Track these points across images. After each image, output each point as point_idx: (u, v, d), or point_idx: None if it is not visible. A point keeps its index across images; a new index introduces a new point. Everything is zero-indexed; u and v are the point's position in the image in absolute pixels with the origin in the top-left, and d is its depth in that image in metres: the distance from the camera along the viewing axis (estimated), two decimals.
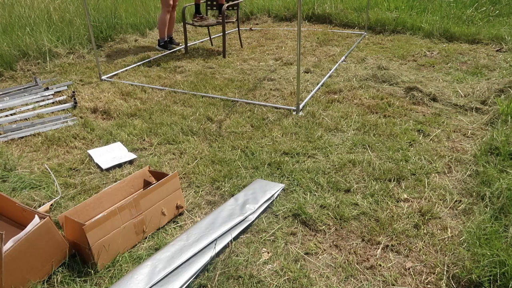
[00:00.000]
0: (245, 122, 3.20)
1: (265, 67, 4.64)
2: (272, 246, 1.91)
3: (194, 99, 3.66)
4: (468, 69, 4.28)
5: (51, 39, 5.03)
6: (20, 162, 2.67)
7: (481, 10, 6.33)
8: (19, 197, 2.28)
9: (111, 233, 1.80)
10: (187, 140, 2.93)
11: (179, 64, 4.82)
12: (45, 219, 1.69)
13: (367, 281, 1.71)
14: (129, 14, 6.46)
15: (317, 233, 2.00)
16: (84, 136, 3.04)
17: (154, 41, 6.15)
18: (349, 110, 3.33)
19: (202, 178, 2.47)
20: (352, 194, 2.27)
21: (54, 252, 1.74)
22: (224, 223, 2.00)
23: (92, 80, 4.30)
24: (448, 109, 3.34)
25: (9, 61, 4.57)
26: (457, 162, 2.56)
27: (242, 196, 2.22)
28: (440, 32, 5.63)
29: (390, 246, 1.89)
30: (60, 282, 1.72)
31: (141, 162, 2.67)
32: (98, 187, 2.40)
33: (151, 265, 1.75)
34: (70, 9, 6.32)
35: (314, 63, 4.69)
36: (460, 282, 1.67)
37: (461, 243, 1.87)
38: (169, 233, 2.02)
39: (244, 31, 6.74)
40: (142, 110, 3.47)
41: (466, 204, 2.15)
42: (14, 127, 3.16)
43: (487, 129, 2.96)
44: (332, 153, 2.70)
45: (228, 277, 1.72)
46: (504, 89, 3.47)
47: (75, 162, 2.68)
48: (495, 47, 5.10)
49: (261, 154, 2.69)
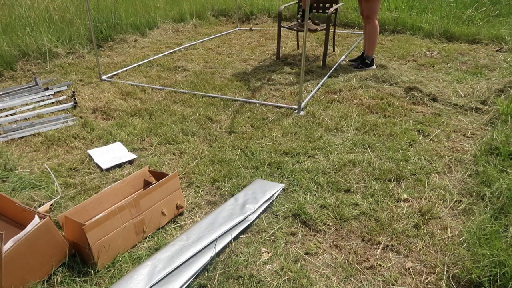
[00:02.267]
0: (245, 122, 3.20)
1: (265, 67, 4.64)
2: (272, 246, 1.91)
3: (194, 99, 3.66)
4: (468, 69, 4.28)
5: (51, 39, 5.03)
6: (20, 162, 2.67)
7: (481, 10, 6.33)
8: (19, 197, 2.28)
9: (111, 233, 1.80)
10: (187, 140, 2.93)
11: (179, 64, 4.82)
12: (45, 219, 1.68)
13: (367, 281, 1.71)
14: (129, 14, 6.46)
15: (317, 233, 2.00)
16: (84, 136, 3.04)
17: (154, 41, 6.14)
18: (349, 110, 3.33)
19: (202, 178, 2.47)
20: (352, 194, 2.27)
21: (54, 252, 1.74)
22: (224, 223, 2.00)
23: (92, 80, 4.30)
24: (448, 109, 3.34)
25: (9, 61, 4.57)
26: (457, 162, 2.56)
27: (242, 196, 2.22)
28: (440, 32, 5.63)
29: (390, 246, 1.89)
30: (60, 282, 1.72)
31: (141, 162, 2.67)
32: (98, 187, 2.40)
33: (151, 265, 1.74)
34: (70, 9, 6.33)
35: (314, 63, 4.68)
36: (460, 282, 1.67)
37: (461, 243, 1.87)
38: (169, 233, 2.02)
39: (244, 31, 6.74)
40: (142, 110, 3.47)
41: (466, 204, 2.15)
42: (14, 127, 3.16)
43: (487, 129, 2.96)
44: (332, 153, 2.70)
45: (228, 277, 1.72)
46: (504, 89, 3.47)
47: (75, 162, 2.68)
48: (495, 47, 5.10)
49: (261, 154, 2.69)
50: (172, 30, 6.69)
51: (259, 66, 4.67)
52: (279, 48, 4.93)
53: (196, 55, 5.24)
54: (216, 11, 7.76)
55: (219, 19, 7.64)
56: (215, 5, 7.82)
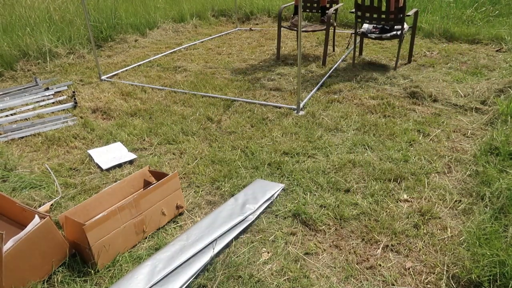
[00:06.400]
0: (245, 122, 3.20)
1: (265, 67, 4.64)
2: (272, 246, 1.91)
3: (194, 99, 3.66)
4: (468, 69, 4.28)
5: (51, 39, 5.04)
6: (20, 162, 2.67)
7: (481, 10, 6.33)
8: (19, 197, 2.28)
9: (111, 233, 1.80)
10: (187, 140, 2.94)
11: (179, 64, 4.82)
12: (45, 219, 1.69)
13: (367, 281, 1.71)
14: (129, 14, 6.46)
15: (317, 233, 2.00)
16: (84, 136, 3.04)
17: (154, 41, 6.14)
18: (349, 110, 3.34)
19: (202, 178, 2.47)
20: (352, 194, 2.27)
21: (54, 252, 1.74)
22: (224, 223, 2.00)
23: (92, 80, 4.31)
24: (448, 109, 3.34)
25: (9, 61, 4.58)
26: (457, 162, 2.56)
27: (242, 196, 2.22)
28: (440, 32, 5.63)
29: (390, 246, 1.89)
30: (60, 282, 1.72)
31: (141, 162, 2.67)
32: (98, 187, 2.40)
33: (151, 265, 1.75)
34: (71, 9, 6.33)
35: (314, 63, 4.68)
36: (460, 282, 1.67)
37: (461, 243, 1.88)
38: (169, 233, 2.03)
39: (244, 31, 6.74)
40: (142, 110, 3.48)
41: (466, 204, 2.15)
42: (14, 127, 3.16)
43: (487, 129, 2.96)
44: (332, 153, 2.70)
45: (228, 277, 1.73)
46: (504, 89, 3.47)
47: (75, 162, 2.68)
48: (495, 47, 5.10)
49: (261, 154, 2.70)
50: (172, 30, 6.69)
51: (259, 66, 4.67)
52: (279, 48, 4.93)
53: (196, 55, 5.24)
54: (216, 11, 7.76)
55: (219, 19, 7.64)
56: (215, 5, 7.82)
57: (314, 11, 5.00)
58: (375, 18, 4.09)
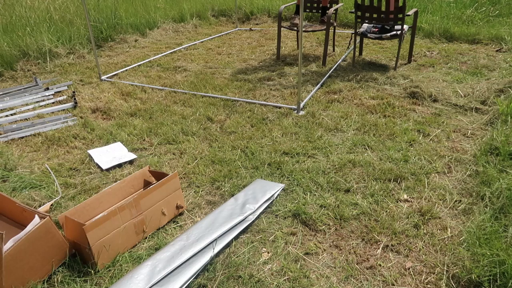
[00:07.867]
0: (245, 122, 3.20)
1: (265, 67, 4.64)
2: (272, 246, 1.91)
3: (194, 99, 3.66)
4: (468, 69, 4.28)
5: (51, 39, 5.04)
6: (20, 162, 2.67)
7: (481, 10, 6.33)
8: (19, 197, 2.28)
9: (111, 233, 1.80)
10: (187, 140, 2.94)
11: (179, 64, 4.83)
12: (45, 219, 1.69)
13: (367, 281, 1.71)
14: (129, 14, 6.46)
15: (317, 233, 2.00)
16: (84, 136, 3.04)
17: (154, 41, 6.14)
18: (349, 110, 3.34)
19: (202, 178, 2.47)
20: (352, 194, 2.27)
21: (54, 252, 1.74)
22: (224, 223, 2.00)
23: (92, 80, 4.31)
24: (448, 109, 3.34)
25: (9, 61, 4.58)
26: (457, 162, 2.56)
27: (242, 196, 2.22)
28: (440, 32, 5.63)
29: (390, 246, 1.89)
30: (60, 282, 1.72)
31: (141, 162, 2.67)
32: (98, 187, 2.41)
33: (151, 265, 1.75)
34: (71, 9, 6.33)
35: (314, 63, 4.69)
36: (460, 282, 1.67)
37: (461, 243, 1.88)
38: (169, 233, 2.03)
39: (244, 31, 6.74)
40: (142, 110, 3.48)
41: (466, 204, 2.15)
42: (14, 127, 3.16)
43: (487, 129, 2.96)
44: (332, 153, 2.70)
45: (228, 277, 1.73)
46: (504, 89, 3.47)
47: (75, 162, 2.68)
48: (495, 47, 5.10)
49: (261, 154, 2.70)
50: (172, 30, 6.69)
51: (259, 66, 4.67)
52: (279, 48, 4.93)
53: (196, 55, 5.24)
54: (216, 11, 7.76)
55: (219, 19, 7.64)
56: (215, 5, 7.82)
57: (315, 11, 5.00)
58: (375, 18, 4.09)
